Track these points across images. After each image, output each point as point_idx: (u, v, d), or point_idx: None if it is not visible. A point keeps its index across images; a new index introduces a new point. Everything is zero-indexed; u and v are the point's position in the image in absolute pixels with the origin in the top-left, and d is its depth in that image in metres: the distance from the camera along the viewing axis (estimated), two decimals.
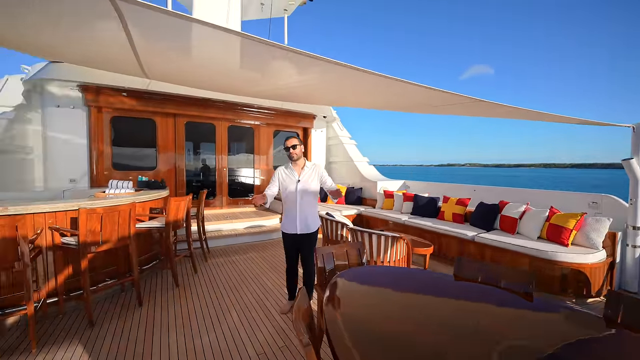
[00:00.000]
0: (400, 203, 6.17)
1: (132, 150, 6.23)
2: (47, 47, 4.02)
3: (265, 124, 7.45)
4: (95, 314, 2.89)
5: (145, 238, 3.88)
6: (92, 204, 2.84)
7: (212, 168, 7.02)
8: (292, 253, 2.90)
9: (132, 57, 3.97)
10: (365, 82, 3.94)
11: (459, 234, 4.42)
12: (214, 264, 4.38)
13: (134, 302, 3.12)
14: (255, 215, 6.45)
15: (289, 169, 2.87)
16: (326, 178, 2.92)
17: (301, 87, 4.75)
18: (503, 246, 3.88)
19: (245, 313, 2.92)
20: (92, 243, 2.69)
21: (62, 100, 5.35)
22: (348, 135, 8.74)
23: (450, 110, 5.00)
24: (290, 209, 2.84)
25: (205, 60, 4.02)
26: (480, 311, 1.60)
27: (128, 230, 2.96)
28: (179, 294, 3.35)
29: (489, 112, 4.84)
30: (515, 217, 4.26)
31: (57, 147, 5.40)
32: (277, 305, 3.08)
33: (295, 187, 2.79)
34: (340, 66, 3.17)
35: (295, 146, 2.79)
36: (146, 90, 5.50)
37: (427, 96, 4.18)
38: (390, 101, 5.21)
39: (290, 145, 2.79)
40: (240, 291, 3.42)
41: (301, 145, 2.86)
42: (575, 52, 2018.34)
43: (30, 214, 2.68)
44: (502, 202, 4.65)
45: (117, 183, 4.07)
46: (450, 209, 5.18)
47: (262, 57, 3.53)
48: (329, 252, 2.20)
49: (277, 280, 3.72)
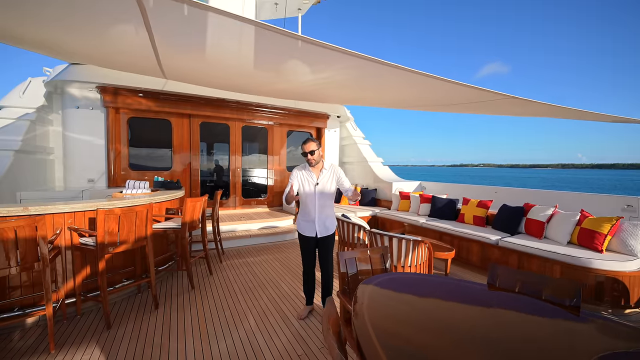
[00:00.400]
0: (417, 205, 6.00)
1: (148, 151, 6.28)
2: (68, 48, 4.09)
3: (279, 124, 7.40)
4: (112, 315, 2.87)
5: (162, 239, 3.87)
6: (110, 205, 2.82)
7: (226, 168, 7.03)
8: (310, 256, 2.81)
9: (153, 57, 3.98)
10: (388, 77, 3.78)
11: (481, 237, 4.23)
12: (229, 265, 4.33)
13: (150, 303, 3.09)
14: (268, 216, 6.40)
15: (307, 171, 2.78)
16: (344, 180, 2.80)
17: (318, 84, 4.61)
18: (530, 251, 3.68)
19: (262, 318, 2.85)
20: (110, 244, 2.67)
21: (81, 102, 5.44)
22: (362, 135, 8.61)
23: (475, 108, 4.81)
24: (308, 211, 2.75)
25: (221, 58, 3.98)
26: (523, 327, 1.46)
27: (145, 231, 2.94)
28: (195, 296, 3.31)
29: (521, 109, 4.61)
30: (542, 221, 4.04)
31: (77, 147, 5.49)
32: (295, 310, 2.99)
33: (314, 190, 2.70)
34: (364, 60, 3.02)
35: (314, 152, 2.67)
36: (162, 90, 5.53)
37: (455, 93, 4.01)
38: (415, 98, 5.03)
39: (308, 150, 2.67)
40: (257, 294, 3.35)
41: (319, 149, 2.73)
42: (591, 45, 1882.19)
43: (50, 214, 2.69)
44: (527, 205, 4.43)
45: (134, 183, 4.08)
46: (471, 211, 4.98)
47: (279, 52, 3.42)
48: (352, 257, 2.09)
49: (293, 284, 3.64)
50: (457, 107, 4.99)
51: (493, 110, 4.87)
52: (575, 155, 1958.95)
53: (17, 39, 3.70)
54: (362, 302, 1.56)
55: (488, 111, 5.11)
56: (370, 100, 5.96)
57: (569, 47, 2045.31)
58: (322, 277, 2.84)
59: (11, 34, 3.52)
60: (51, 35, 3.53)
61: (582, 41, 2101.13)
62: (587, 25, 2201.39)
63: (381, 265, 2.22)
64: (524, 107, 4.23)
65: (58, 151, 5.61)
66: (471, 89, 3.58)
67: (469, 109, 5.04)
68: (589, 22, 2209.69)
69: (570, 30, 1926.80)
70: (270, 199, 7.50)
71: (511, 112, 4.93)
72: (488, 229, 4.62)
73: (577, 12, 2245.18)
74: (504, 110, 4.77)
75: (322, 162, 2.78)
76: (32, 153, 5.07)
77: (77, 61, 4.92)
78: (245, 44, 3.32)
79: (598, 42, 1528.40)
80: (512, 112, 4.92)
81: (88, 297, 2.81)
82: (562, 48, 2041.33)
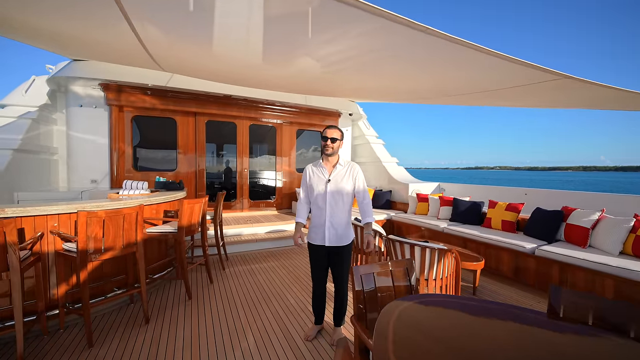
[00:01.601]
0: (437, 208, 5.52)
1: (152, 151, 6.08)
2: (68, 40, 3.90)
3: (288, 123, 7.07)
4: (98, 329, 2.57)
5: (159, 244, 3.58)
6: (93, 207, 2.53)
7: (233, 169, 6.74)
8: (320, 269, 2.40)
9: (140, 48, 3.72)
10: (418, 52, 3.17)
11: (514, 245, 3.73)
12: (232, 273, 4.00)
13: (142, 316, 2.78)
14: (276, 219, 6.06)
15: (319, 167, 2.38)
16: (360, 183, 2.37)
17: (331, 65, 3.99)
18: (575, 262, 3.17)
19: (262, 336, 2.48)
20: (94, 250, 2.37)
21: (84, 100, 5.28)
22: (375, 134, 8.17)
23: (517, 95, 4.21)
24: (318, 214, 2.34)
25: (222, 36, 3.65)
26: None
27: (135, 236, 2.63)
28: (191, 308, 2.98)
29: (577, 97, 4.00)
30: (586, 227, 3.52)
31: (80, 147, 5.33)
32: (301, 328, 2.61)
33: (325, 189, 2.30)
34: (391, 21, 2.42)
35: (335, 140, 2.29)
36: (166, 87, 5.29)
37: (506, 73, 3.41)
38: (443, 85, 4.37)
39: (330, 136, 2.28)
40: (259, 308, 2.98)
41: (342, 141, 2.36)
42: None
43: (31, 217, 2.42)
44: (566, 208, 3.90)
45: (131, 184, 3.81)
46: (498, 215, 4.47)
47: (289, 14, 3.01)
48: (370, 273, 1.69)
49: (300, 296, 3.26)
50: (496, 94, 4.37)
51: (538, 97, 4.27)
52: (597, 157, 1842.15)
53: (18, 30, 3.53)
54: (386, 335, 1.16)
55: (532, 100, 4.54)
56: (384, 91, 5.48)
57: (569, 49, 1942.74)
58: (335, 297, 2.44)
59: (11, 24, 3.35)
60: (52, 24, 3.33)
61: (582, 42, 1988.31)
62: (587, 26, 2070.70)
63: (405, 280, 1.82)
64: (590, 91, 3.62)
65: (62, 151, 5.47)
66: (535, 69, 3.03)
67: (508, 98, 4.46)
68: (588, 24, 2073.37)
69: (570, 32, 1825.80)
70: (279, 201, 7.17)
71: (558, 99, 4.31)
72: (520, 235, 4.11)
73: (577, 14, 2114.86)
74: (548, 97, 4.20)
75: (337, 157, 2.39)
76: (35, 153, 4.92)
77: (79, 57, 4.74)
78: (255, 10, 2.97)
79: (597, 43, 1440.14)
80: (559, 99, 4.30)
81: (71, 309, 2.51)
82: (562, 49, 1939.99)
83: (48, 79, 4.91)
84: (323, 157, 2.38)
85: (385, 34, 2.81)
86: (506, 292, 3.50)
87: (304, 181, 2.46)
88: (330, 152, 2.30)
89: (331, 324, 2.62)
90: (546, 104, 4.94)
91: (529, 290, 3.56)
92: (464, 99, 5.09)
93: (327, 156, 2.34)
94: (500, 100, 4.96)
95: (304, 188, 2.46)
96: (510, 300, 3.28)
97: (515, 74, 3.37)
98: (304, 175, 2.46)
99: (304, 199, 2.47)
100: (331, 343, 2.38)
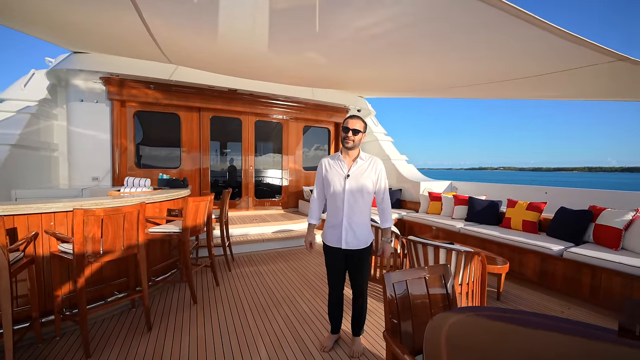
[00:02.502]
0: (451, 207, 5.29)
1: (155, 148, 5.90)
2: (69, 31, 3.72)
3: (294, 119, 6.85)
4: (97, 336, 2.38)
5: (162, 244, 3.39)
6: (91, 204, 2.34)
7: (238, 167, 6.54)
8: (337, 273, 2.17)
9: (149, 37, 3.53)
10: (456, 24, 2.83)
11: (539, 247, 3.50)
12: (239, 274, 3.80)
13: (144, 322, 2.58)
14: (283, 218, 5.85)
15: (337, 160, 2.14)
16: (382, 181, 2.14)
17: (344, 43, 3.63)
18: (609, 266, 2.93)
19: (275, 347, 2.27)
20: (92, 252, 2.17)
21: (85, 95, 5.10)
22: (383, 131, 7.93)
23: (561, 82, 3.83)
24: (334, 214, 2.12)
25: (228, 32, 3.45)
26: None
27: (136, 236, 2.43)
28: (197, 314, 2.78)
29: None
30: (618, 228, 3.28)
31: (81, 144, 5.15)
32: (316, 337, 2.40)
33: (343, 185, 2.07)
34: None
35: (357, 132, 2.04)
36: (170, 81, 5.09)
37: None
38: (471, 71, 4.08)
39: (352, 127, 2.04)
40: (269, 314, 2.78)
41: (364, 133, 2.11)
42: None
43: (23, 215, 2.24)
44: (594, 208, 3.66)
45: (133, 181, 3.62)
46: (519, 215, 4.23)
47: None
48: (402, 281, 1.48)
49: (313, 302, 3.05)
50: (540, 82, 3.95)
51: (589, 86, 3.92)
52: (603, 158, 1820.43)
53: (17, 18, 3.35)
54: (437, 355, 0.95)
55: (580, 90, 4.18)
56: (394, 84, 5.24)
57: None
58: (353, 302, 2.22)
59: (11, 10, 3.17)
60: (52, 8, 3.14)
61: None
62: (589, 27, 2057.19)
63: (441, 287, 1.60)
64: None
65: (63, 148, 5.29)
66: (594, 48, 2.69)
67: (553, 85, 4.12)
68: (590, 24, 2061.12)
69: (572, 31, 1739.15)
70: (285, 199, 6.96)
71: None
72: (543, 236, 3.87)
73: (579, 13, 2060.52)
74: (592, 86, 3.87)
75: (358, 150, 2.16)
76: (34, 149, 4.75)
77: (80, 48, 4.55)
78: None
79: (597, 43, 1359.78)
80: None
81: (68, 316, 2.32)
82: None
83: (47, 72, 4.73)
84: (342, 149, 2.15)
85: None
86: (531, 297, 3.27)
87: (319, 175, 2.23)
88: (351, 146, 2.06)
89: (349, 332, 2.41)
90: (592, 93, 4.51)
91: (556, 295, 3.33)
92: (490, 90, 4.73)
93: (347, 149, 2.11)
94: (539, 91, 4.57)
95: (319, 183, 2.23)
96: (539, 307, 3.05)
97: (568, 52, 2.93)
98: (319, 169, 2.23)
99: (318, 195, 2.24)
100: (350, 355, 2.17)
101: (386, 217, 2.18)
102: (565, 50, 2.89)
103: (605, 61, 2.89)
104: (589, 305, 3.07)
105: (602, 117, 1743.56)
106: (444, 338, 1.07)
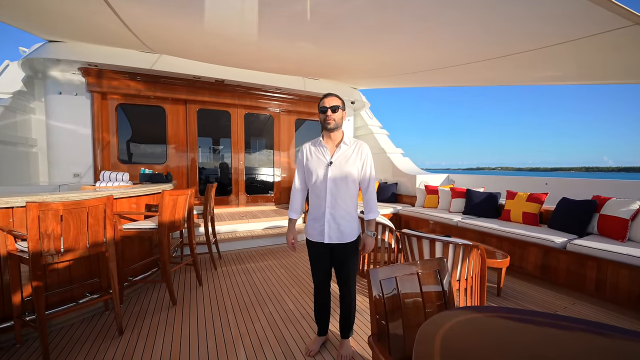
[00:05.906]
0: (448, 200, 5.10)
1: (140, 143, 5.65)
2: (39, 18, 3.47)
3: (286, 112, 6.62)
4: (63, 342, 2.17)
5: (141, 241, 3.18)
6: (47, 198, 2.12)
7: (228, 162, 6.31)
8: (321, 269, 1.97)
9: (121, 24, 3.28)
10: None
11: (541, 240, 3.32)
12: (224, 273, 3.59)
13: (115, 327, 2.37)
14: (274, 214, 5.64)
15: (319, 146, 1.92)
16: (368, 168, 1.90)
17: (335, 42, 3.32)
18: (615, 258, 2.75)
19: (256, 350, 2.08)
20: (51, 251, 1.96)
21: (63, 87, 4.85)
22: (378, 124, 7.72)
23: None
24: (316, 205, 1.90)
25: (212, 15, 3.22)
26: None
27: (103, 233, 2.22)
28: (175, 315, 2.57)
29: None
30: (624, 218, 3.11)
31: (61, 139, 4.91)
32: (302, 339, 2.21)
33: (325, 173, 1.85)
34: None
35: (336, 108, 1.82)
36: (153, 71, 4.82)
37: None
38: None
39: (329, 105, 1.82)
40: (253, 314, 2.58)
41: (344, 110, 1.90)
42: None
43: None
44: (598, 197, 3.48)
45: (110, 175, 3.40)
46: (519, 206, 4.05)
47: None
48: (391, 278, 1.28)
49: (301, 300, 2.85)
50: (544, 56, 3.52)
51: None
52: (600, 158, 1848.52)
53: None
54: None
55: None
56: (385, 67, 4.94)
57: None
58: (341, 301, 2.02)
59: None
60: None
61: None
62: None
63: (436, 284, 1.41)
64: None
65: (42, 143, 5.04)
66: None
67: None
68: None
69: None
70: (278, 195, 6.75)
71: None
72: (544, 228, 3.69)
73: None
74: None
75: (342, 133, 1.95)
76: (12, 144, 4.50)
77: (54, 37, 4.29)
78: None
79: None
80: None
81: (27, 321, 2.11)
82: None
83: (21, 62, 4.47)
84: (324, 133, 1.93)
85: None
86: (534, 293, 3.09)
87: (299, 163, 2.00)
88: (333, 126, 1.84)
89: (337, 334, 2.21)
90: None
91: (559, 290, 3.16)
92: (494, 68, 4.34)
93: (328, 132, 1.88)
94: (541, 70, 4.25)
95: (300, 172, 2.01)
96: (542, 302, 2.87)
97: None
98: (299, 156, 2.00)
99: (299, 185, 2.02)
100: (338, 359, 1.98)
101: (370, 208, 1.95)
102: (575, 11, 2.49)
103: (622, 25, 2.48)
104: (594, 300, 2.89)
105: (600, 116, 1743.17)
106: (437, 346, 0.87)
